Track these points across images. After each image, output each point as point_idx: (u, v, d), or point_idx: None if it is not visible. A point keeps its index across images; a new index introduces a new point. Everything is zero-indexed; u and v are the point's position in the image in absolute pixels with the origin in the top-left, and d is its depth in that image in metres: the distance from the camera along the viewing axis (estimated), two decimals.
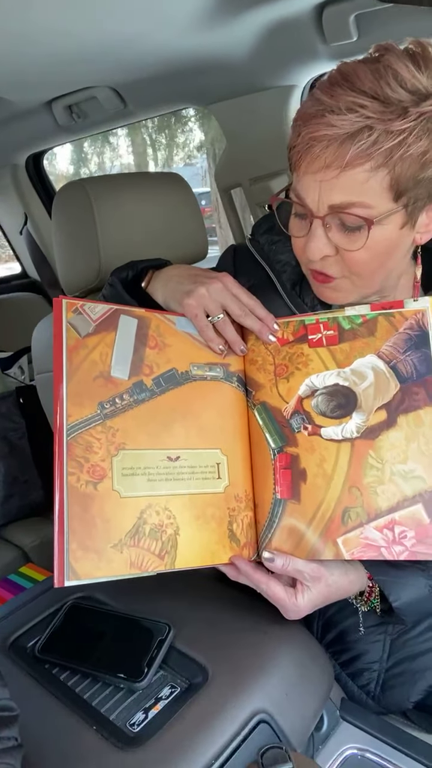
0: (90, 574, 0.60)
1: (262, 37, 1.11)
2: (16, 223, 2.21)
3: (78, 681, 0.69)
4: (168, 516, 0.66)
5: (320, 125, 0.61)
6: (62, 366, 0.65)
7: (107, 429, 0.65)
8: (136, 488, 0.65)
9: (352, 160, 0.60)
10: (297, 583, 0.67)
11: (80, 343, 0.66)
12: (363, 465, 0.66)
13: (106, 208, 0.98)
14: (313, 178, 0.64)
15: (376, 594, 0.75)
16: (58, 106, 1.45)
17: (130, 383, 0.67)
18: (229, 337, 0.72)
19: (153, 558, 0.64)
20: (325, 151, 0.61)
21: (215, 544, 0.68)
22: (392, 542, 0.63)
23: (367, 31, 1.04)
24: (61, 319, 0.66)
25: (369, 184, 0.62)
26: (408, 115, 0.59)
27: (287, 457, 0.69)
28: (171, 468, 0.67)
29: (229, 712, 0.62)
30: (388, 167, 0.61)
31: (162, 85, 1.32)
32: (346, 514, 0.65)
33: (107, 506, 0.63)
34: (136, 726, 0.62)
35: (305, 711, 0.67)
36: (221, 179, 1.59)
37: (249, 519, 0.70)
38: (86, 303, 0.68)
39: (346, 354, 0.69)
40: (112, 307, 0.69)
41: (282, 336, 0.73)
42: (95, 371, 0.66)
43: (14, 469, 1.45)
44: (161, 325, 0.71)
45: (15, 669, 0.71)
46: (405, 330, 0.67)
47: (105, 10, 0.89)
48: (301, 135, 0.63)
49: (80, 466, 0.62)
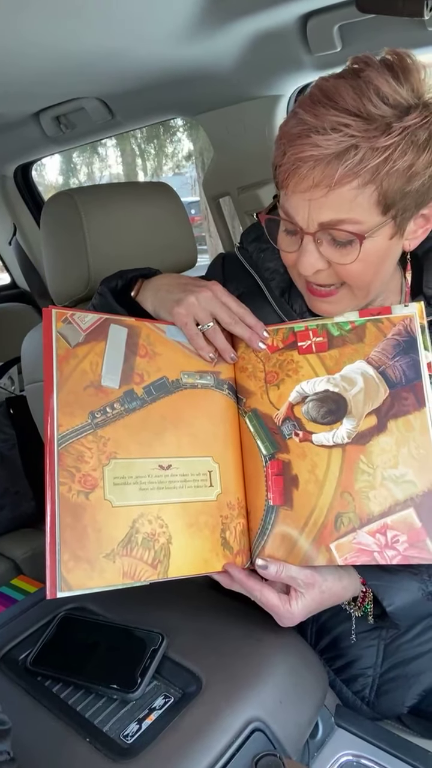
0: (83, 585, 0.60)
1: (248, 47, 1.12)
2: (5, 233, 2.21)
3: (71, 693, 0.68)
4: (160, 525, 0.65)
5: (305, 146, 0.61)
6: (52, 376, 0.64)
7: (98, 438, 0.65)
8: (127, 497, 0.64)
9: (340, 179, 0.61)
10: (291, 590, 0.67)
11: (70, 353, 0.66)
12: (354, 470, 0.66)
13: (94, 218, 0.98)
14: (302, 197, 0.64)
15: (369, 599, 0.75)
16: (46, 117, 1.45)
17: (120, 392, 0.67)
18: (219, 345, 0.73)
19: (146, 567, 0.63)
20: (312, 171, 0.61)
21: (208, 552, 0.68)
22: (385, 547, 0.64)
23: (350, 41, 1.06)
24: (51, 329, 0.66)
25: (357, 201, 0.62)
26: (392, 130, 0.60)
27: (279, 464, 0.70)
28: (163, 476, 0.67)
29: (223, 720, 0.61)
30: (375, 183, 0.61)
31: (149, 95, 1.33)
32: (338, 519, 0.66)
33: (99, 516, 0.62)
34: (130, 737, 0.61)
35: (300, 718, 0.67)
36: (210, 188, 1.60)
37: (242, 526, 0.70)
38: (76, 312, 0.68)
39: (335, 360, 0.69)
40: (102, 316, 0.69)
41: (272, 343, 0.73)
42: (86, 381, 0.66)
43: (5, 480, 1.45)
44: (151, 333, 0.72)
45: (7, 682, 0.70)
46: (393, 336, 0.68)
47: (91, 22, 0.89)
48: (286, 155, 0.63)
49: (71, 476, 0.62)
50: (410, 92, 0.62)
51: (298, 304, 0.79)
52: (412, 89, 0.62)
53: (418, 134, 0.61)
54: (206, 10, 0.92)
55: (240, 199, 1.51)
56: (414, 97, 0.62)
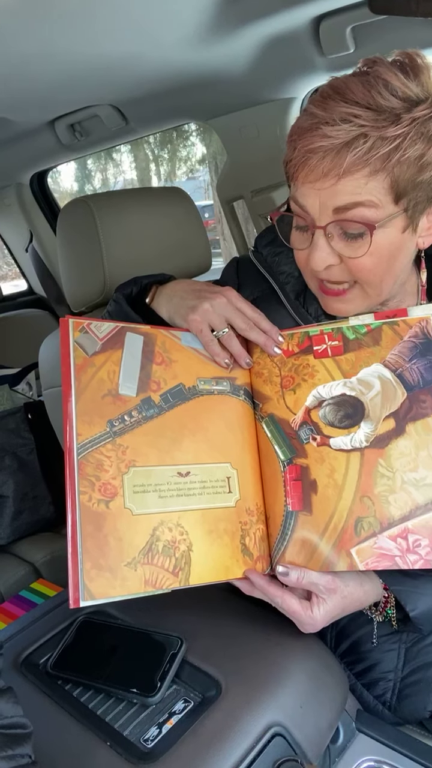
0: (105, 594, 0.60)
1: (261, 51, 1.12)
2: (22, 240, 2.24)
3: (91, 697, 0.69)
4: (180, 532, 0.65)
5: (315, 137, 0.62)
6: (71, 385, 0.65)
7: (117, 447, 0.65)
8: (147, 505, 0.64)
9: (349, 167, 0.61)
10: (312, 596, 0.67)
11: (88, 362, 0.66)
12: (373, 474, 0.65)
13: (110, 224, 0.99)
14: (312, 188, 0.65)
15: (391, 604, 0.74)
16: (61, 125, 1.47)
17: (138, 400, 0.68)
18: (234, 350, 0.73)
19: (167, 575, 0.63)
20: (321, 161, 0.62)
21: (228, 558, 0.67)
22: (406, 551, 0.63)
23: (363, 42, 1.05)
24: (69, 339, 0.66)
25: (369, 187, 0.62)
26: (401, 121, 0.60)
27: (297, 469, 0.69)
28: (182, 484, 0.67)
29: (243, 725, 0.61)
30: (386, 171, 0.62)
31: (163, 101, 1.34)
32: (358, 524, 0.65)
33: (120, 524, 0.62)
34: (150, 741, 0.61)
35: (320, 723, 0.66)
36: (223, 192, 1.60)
37: (261, 532, 0.70)
38: (92, 322, 0.68)
39: (351, 364, 0.69)
40: (118, 324, 0.70)
41: (287, 348, 0.73)
42: (103, 389, 0.66)
43: (24, 485, 1.46)
44: (167, 341, 0.72)
45: (27, 686, 0.71)
46: (410, 338, 0.67)
47: (105, 29, 0.90)
48: (297, 148, 0.64)
49: (92, 485, 0.62)
50: (420, 87, 0.62)
51: (314, 307, 0.78)
52: (422, 85, 0.63)
53: (428, 125, 0.62)
54: (219, 14, 0.92)
55: (254, 202, 1.51)
56: (423, 91, 0.63)
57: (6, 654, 0.77)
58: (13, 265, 2.50)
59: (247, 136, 1.45)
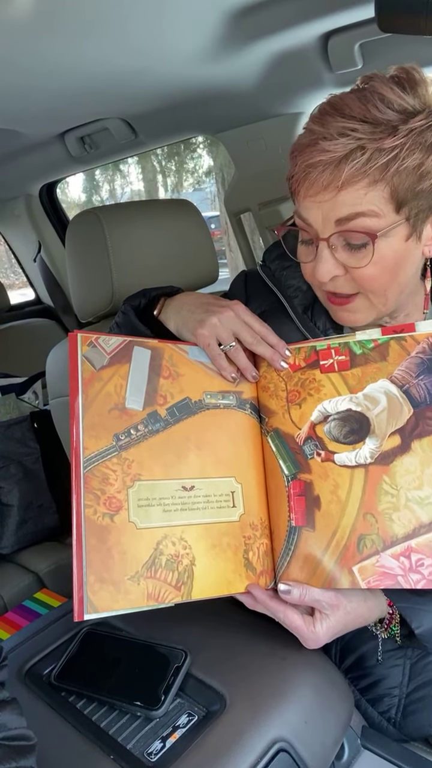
0: (108, 607, 0.60)
1: (269, 67, 1.13)
2: (30, 250, 2.26)
3: (95, 709, 0.68)
4: (184, 546, 0.65)
5: (315, 152, 0.63)
6: (78, 399, 0.65)
7: (123, 460, 0.65)
8: (151, 519, 0.65)
9: (348, 179, 0.62)
10: (315, 612, 0.66)
11: (95, 376, 0.67)
12: (377, 491, 0.65)
13: (118, 235, 1.00)
14: (313, 201, 0.66)
15: (396, 621, 0.74)
16: (71, 138, 1.49)
17: (144, 414, 0.68)
18: (241, 364, 0.73)
19: (170, 589, 0.63)
20: (321, 175, 0.63)
21: (231, 573, 0.67)
22: (409, 570, 0.62)
23: (371, 58, 1.06)
24: (77, 353, 0.67)
25: (368, 197, 0.64)
26: (398, 132, 0.62)
27: (301, 484, 0.69)
28: (186, 498, 0.67)
29: (247, 740, 0.61)
30: (385, 181, 0.63)
31: (171, 115, 1.36)
32: (361, 541, 0.64)
33: (124, 538, 0.63)
34: (154, 755, 0.61)
35: (325, 739, 0.66)
36: (231, 204, 1.61)
37: (265, 547, 0.70)
38: (101, 336, 0.69)
39: (358, 379, 0.69)
40: (126, 339, 0.70)
41: (294, 362, 0.73)
42: (110, 403, 0.66)
43: (29, 494, 1.46)
44: (174, 354, 0.72)
45: (31, 697, 0.71)
46: (417, 354, 0.67)
47: (115, 44, 0.92)
48: (297, 164, 0.66)
49: (97, 498, 0.63)
50: (416, 99, 0.64)
51: (321, 321, 0.79)
52: (419, 97, 0.64)
53: (425, 135, 0.63)
54: (229, 30, 0.94)
55: (261, 215, 1.52)
56: (420, 103, 0.64)
57: (10, 665, 0.76)
58: (21, 275, 2.52)
59: (255, 150, 1.46)
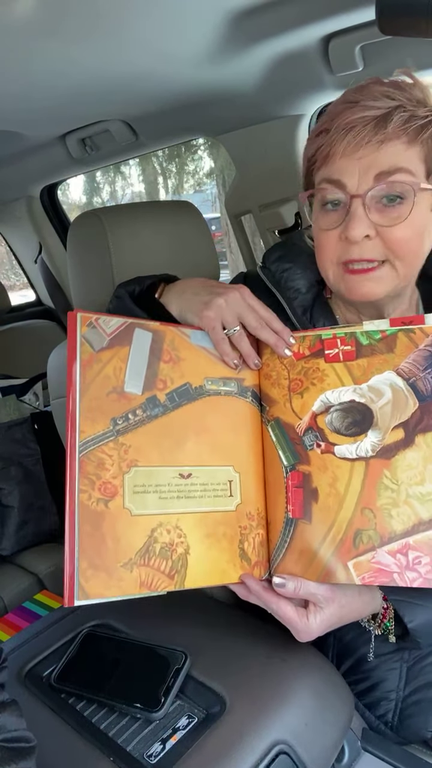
0: (100, 594, 0.60)
1: (270, 69, 1.13)
2: (31, 252, 2.26)
3: (94, 710, 0.68)
4: (179, 534, 0.65)
5: (356, 110, 0.65)
6: (75, 381, 0.64)
7: (119, 445, 0.64)
8: (147, 506, 0.64)
9: (390, 134, 0.65)
10: (309, 604, 0.66)
11: (94, 358, 0.65)
12: (377, 486, 0.64)
13: (120, 237, 1.00)
14: (353, 158, 0.66)
15: (390, 616, 0.74)
16: (72, 140, 1.49)
17: (143, 398, 0.67)
18: (244, 350, 0.72)
19: (163, 577, 0.63)
20: (364, 129, 0.65)
21: (226, 563, 0.67)
22: (406, 568, 0.62)
23: (372, 61, 1.06)
24: (75, 333, 0.65)
25: (407, 155, 0.66)
26: (428, 104, 0.66)
27: (299, 476, 0.68)
28: (183, 485, 0.66)
29: (247, 742, 0.61)
30: (420, 144, 0.66)
31: (172, 117, 1.36)
32: (357, 536, 0.64)
33: (118, 524, 0.62)
34: (154, 757, 0.61)
35: (326, 741, 0.66)
36: (231, 206, 1.61)
37: (261, 537, 0.69)
38: (101, 316, 0.67)
39: (363, 370, 0.68)
40: (127, 320, 0.68)
41: (298, 350, 0.72)
42: (108, 386, 0.65)
43: (29, 495, 1.46)
44: (176, 338, 0.71)
45: (31, 698, 0.71)
46: (426, 347, 0.66)
47: (116, 46, 0.92)
48: (334, 127, 0.66)
49: (92, 484, 0.62)
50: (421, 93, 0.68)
51: (320, 323, 0.78)
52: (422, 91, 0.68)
53: None
54: (230, 33, 0.94)
55: (262, 217, 1.52)
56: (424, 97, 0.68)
57: (10, 666, 0.76)
58: (22, 276, 2.52)
59: (256, 152, 1.46)
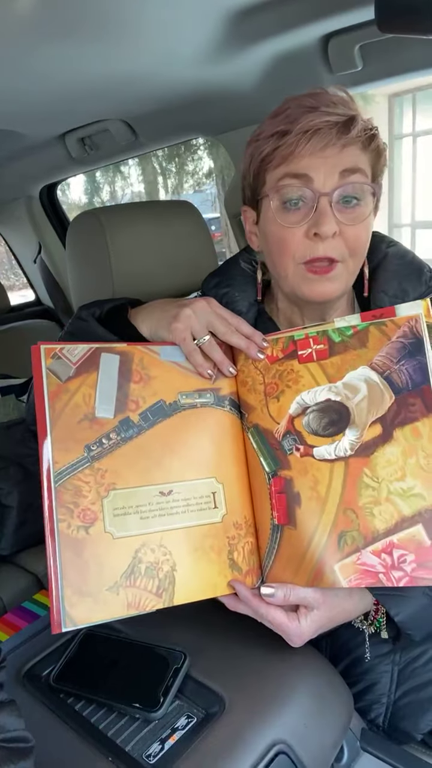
0: (87, 619, 0.60)
1: (269, 68, 1.13)
2: (31, 252, 2.25)
3: (93, 711, 0.68)
4: (163, 552, 0.65)
5: (318, 114, 0.68)
6: (45, 414, 0.63)
7: (95, 471, 0.64)
8: (128, 528, 0.64)
9: (352, 139, 0.69)
10: (300, 607, 0.66)
11: (61, 388, 0.65)
12: (358, 485, 0.63)
13: (119, 237, 1.00)
14: (320, 156, 0.69)
15: (381, 613, 0.74)
16: (71, 139, 1.48)
17: (116, 421, 0.66)
18: (217, 358, 0.71)
19: (150, 597, 0.63)
20: (330, 132, 0.68)
21: (216, 575, 0.67)
22: (391, 567, 0.61)
23: (371, 60, 1.06)
24: (41, 367, 0.65)
25: (362, 158, 0.71)
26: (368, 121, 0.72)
27: (281, 481, 0.68)
28: (164, 503, 0.66)
29: (247, 742, 0.61)
30: (368, 152, 0.71)
31: (172, 116, 1.36)
32: (341, 538, 0.63)
33: (100, 549, 0.62)
34: (153, 757, 0.61)
35: (325, 741, 0.65)
36: (231, 206, 1.61)
37: (251, 545, 0.69)
38: (65, 346, 0.66)
39: (337, 368, 0.67)
40: (93, 346, 0.68)
41: (271, 353, 0.71)
42: (79, 414, 0.65)
43: (29, 495, 1.45)
44: (144, 357, 0.70)
45: (30, 698, 0.70)
46: (398, 338, 0.65)
47: (116, 45, 0.92)
48: (298, 128, 0.69)
49: (70, 512, 0.62)
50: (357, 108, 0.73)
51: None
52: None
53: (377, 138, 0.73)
54: (229, 33, 0.94)
55: None
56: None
57: (8, 666, 0.76)
58: (21, 276, 2.52)
59: None
